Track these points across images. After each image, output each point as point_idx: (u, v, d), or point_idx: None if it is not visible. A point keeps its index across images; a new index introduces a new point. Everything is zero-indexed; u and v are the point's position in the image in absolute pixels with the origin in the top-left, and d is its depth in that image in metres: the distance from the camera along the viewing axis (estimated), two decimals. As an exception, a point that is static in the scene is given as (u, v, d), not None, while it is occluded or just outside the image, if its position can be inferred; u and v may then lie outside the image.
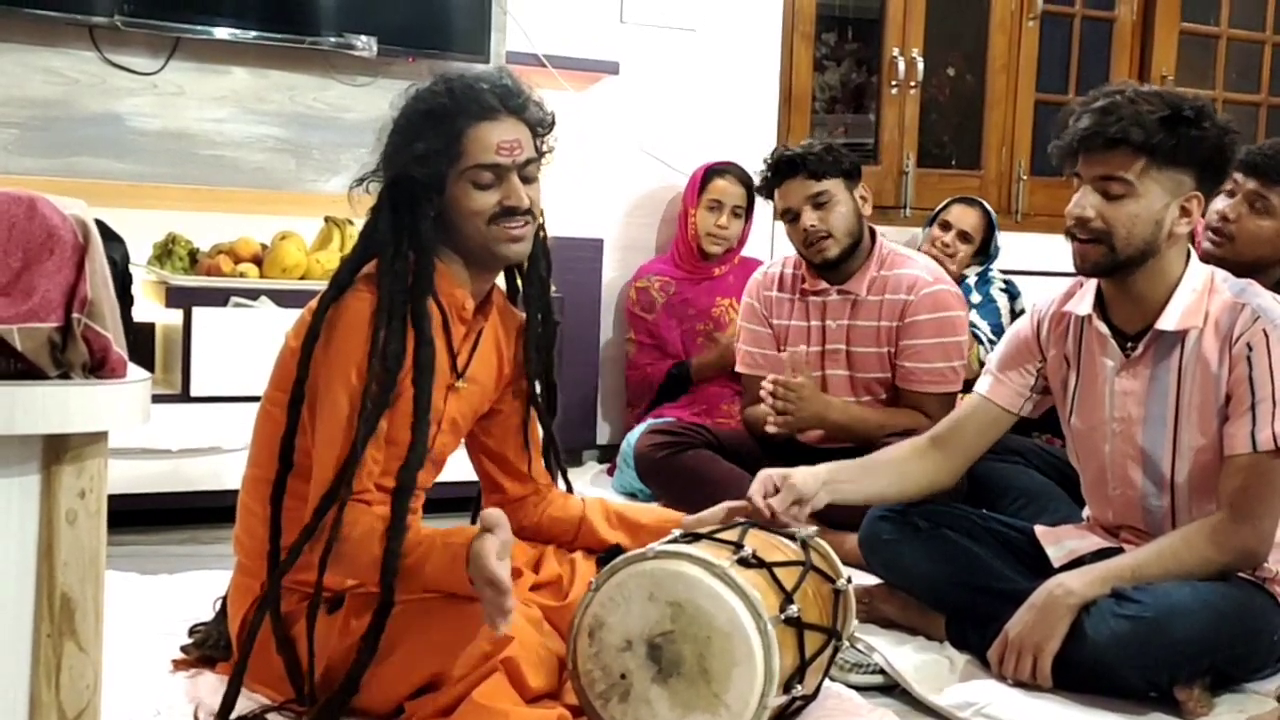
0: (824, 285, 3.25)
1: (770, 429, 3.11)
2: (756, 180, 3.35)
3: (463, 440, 2.17)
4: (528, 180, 1.98)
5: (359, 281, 1.93)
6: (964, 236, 4.18)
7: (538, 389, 2.18)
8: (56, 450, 1.25)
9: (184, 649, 2.16)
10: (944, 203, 4.30)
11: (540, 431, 2.21)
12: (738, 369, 3.48)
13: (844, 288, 3.23)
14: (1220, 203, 2.77)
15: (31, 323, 1.21)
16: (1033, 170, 5.10)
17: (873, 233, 3.27)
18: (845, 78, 5.76)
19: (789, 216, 3.21)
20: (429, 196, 1.94)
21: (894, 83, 4.89)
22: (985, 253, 4.26)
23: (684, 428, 3.37)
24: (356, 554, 1.84)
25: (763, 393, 3.12)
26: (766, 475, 2.21)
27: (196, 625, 2.20)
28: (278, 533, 1.92)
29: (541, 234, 2.08)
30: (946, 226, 4.20)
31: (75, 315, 1.24)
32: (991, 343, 3.74)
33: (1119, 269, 2.21)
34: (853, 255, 3.21)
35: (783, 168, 3.20)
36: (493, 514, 1.77)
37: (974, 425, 2.45)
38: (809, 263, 3.25)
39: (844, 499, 2.33)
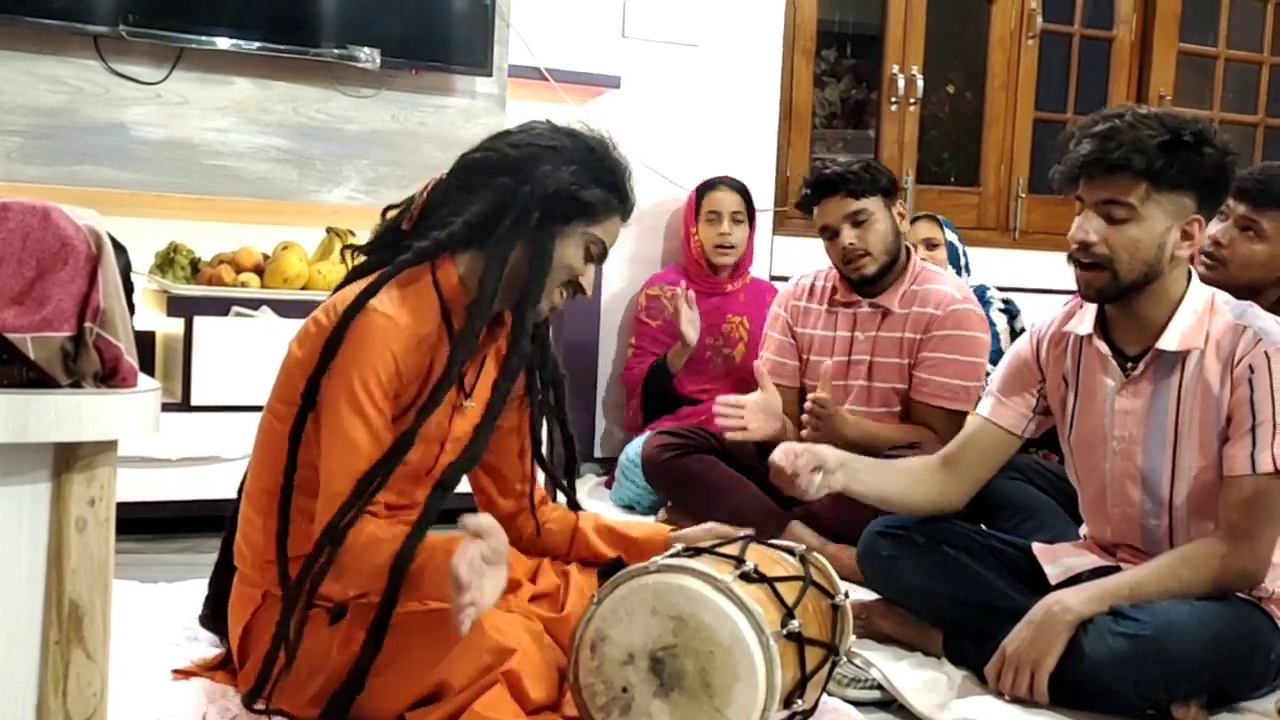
0: (856, 298, 3.29)
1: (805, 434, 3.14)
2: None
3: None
4: None
5: (389, 296, 1.92)
6: (930, 244, 4.18)
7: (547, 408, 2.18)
8: (67, 459, 1.25)
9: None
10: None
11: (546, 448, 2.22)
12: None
13: (876, 301, 3.27)
14: (1212, 227, 2.78)
15: (45, 332, 1.22)
16: (1031, 188, 5.13)
17: (908, 250, 3.32)
18: (845, 94, 5.79)
19: (827, 234, 3.25)
20: (548, 218, 1.95)
21: (893, 99, 4.91)
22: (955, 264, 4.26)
23: (691, 431, 3.43)
24: (359, 563, 1.84)
25: (807, 412, 3.11)
26: (787, 446, 2.25)
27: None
28: (284, 542, 1.92)
29: None
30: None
31: (88, 325, 1.24)
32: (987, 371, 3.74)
33: (1123, 294, 2.22)
34: (889, 271, 3.25)
35: (822, 186, 3.24)
36: (482, 520, 1.77)
37: (978, 448, 2.47)
38: (846, 279, 3.28)
39: (858, 488, 2.38)
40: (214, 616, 2.16)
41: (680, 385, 4.07)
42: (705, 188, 4.26)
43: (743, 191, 4.26)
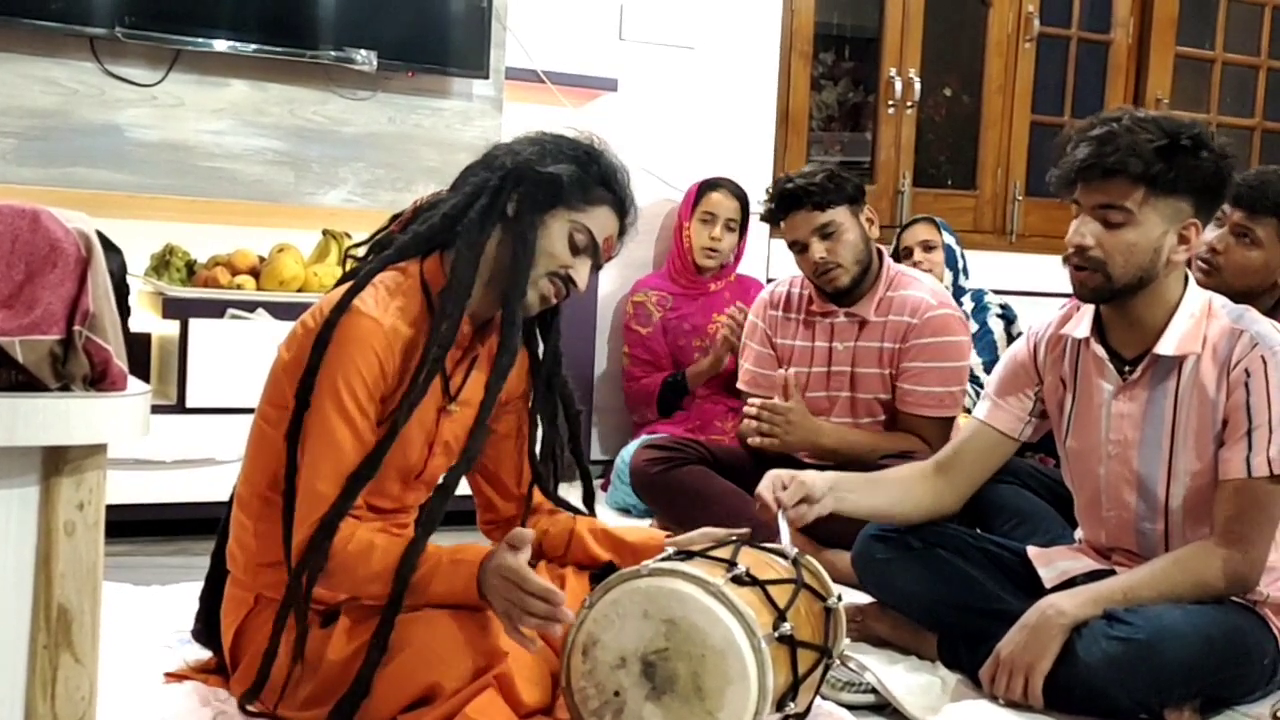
0: (832, 308, 3.24)
1: (753, 442, 3.13)
2: (757, 207, 3.31)
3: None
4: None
5: (375, 297, 1.92)
6: (926, 246, 4.18)
7: (559, 415, 2.17)
8: (56, 462, 1.25)
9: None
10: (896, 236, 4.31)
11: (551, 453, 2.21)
12: (739, 386, 3.47)
13: (852, 310, 3.22)
14: (1208, 233, 2.77)
15: (33, 335, 1.22)
16: (1028, 191, 5.13)
17: (880, 253, 3.27)
18: (842, 97, 5.79)
19: (797, 248, 3.19)
20: (525, 204, 1.95)
21: (891, 102, 4.91)
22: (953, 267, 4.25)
23: (678, 443, 3.36)
24: (353, 568, 1.84)
25: (747, 411, 3.13)
26: (775, 474, 2.25)
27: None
28: (290, 545, 1.91)
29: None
30: (910, 253, 4.18)
31: (77, 328, 1.24)
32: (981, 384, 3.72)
33: (1116, 296, 2.22)
34: (862, 280, 3.20)
35: (786, 200, 3.16)
36: (523, 533, 1.82)
37: (974, 451, 2.46)
38: (820, 290, 3.25)
39: (849, 508, 2.35)
40: (205, 630, 2.15)
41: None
42: (707, 187, 4.25)
43: (742, 199, 4.25)
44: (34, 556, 1.25)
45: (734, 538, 2.05)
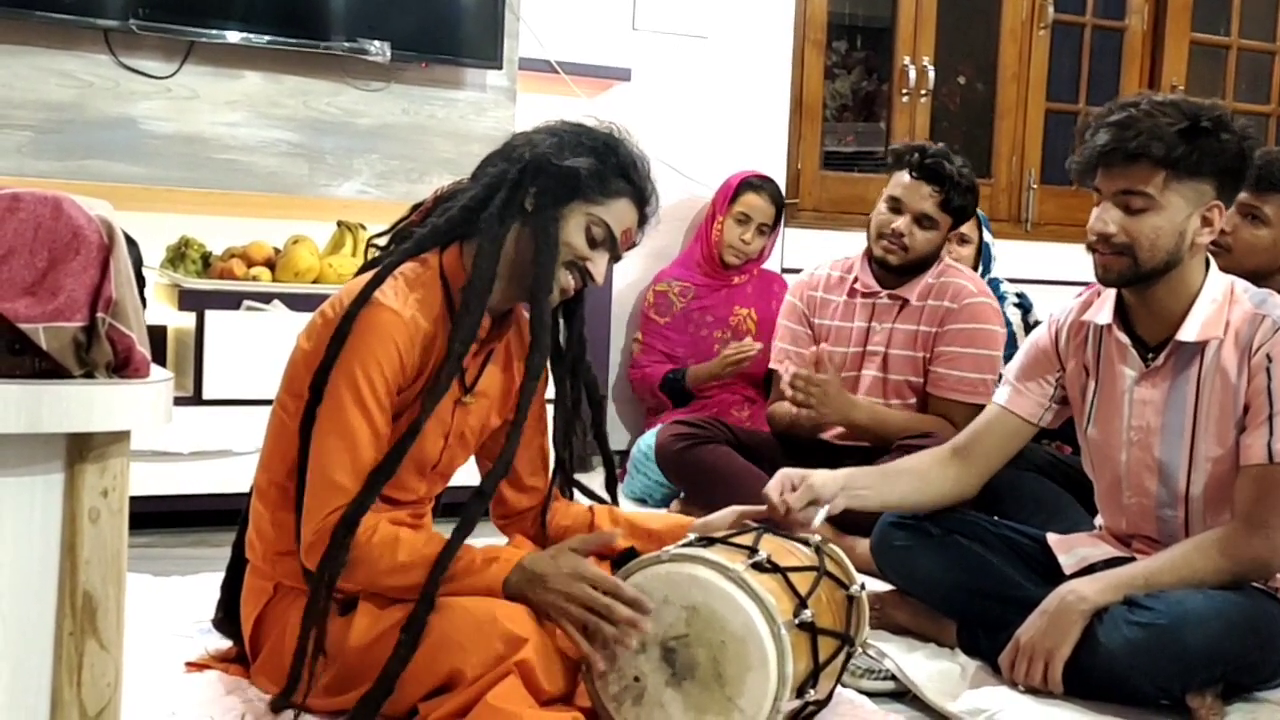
0: (876, 288, 3.29)
1: (789, 406, 3.15)
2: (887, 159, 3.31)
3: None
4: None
5: (395, 289, 1.92)
6: (962, 239, 4.16)
7: (583, 402, 2.18)
8: (80, 449, 1.24)
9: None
10: None
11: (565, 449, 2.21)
12: (771, 365, 3.49)
13: (895, 292, 3.27)
14: None
15: (57, 322, 1.22)
16: (1043, 179, 5.11)
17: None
18: (856, 86, 5.76)
19: (890, 203, 3.22)
20: (542, 198, 1.95)
21: (904, 91, 4.90)
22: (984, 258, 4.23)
23: (705, 422, 3.41)
24: (375, 560, 1.85)
25: (784, 383, 3.15)
26: (785, 474, 2.23)
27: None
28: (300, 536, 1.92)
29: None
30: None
31: (100, 315, 1.24)
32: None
33: (1142, 280, 2.21)
34: (911, 271, 3.25)
35: (924, 172, 3.19)
36: (607, 536, 1.90)
37: (994, 436, 2.45)
38: (870, 255, 3.28)
39: (863, 504, 2.34)
40: (227, 619, 2.16)
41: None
42: (746, 187, 4.22)
43: (779, 203, 4.25)
44: (59, 543, 1.25)
45: (756, 524, 2.05)
